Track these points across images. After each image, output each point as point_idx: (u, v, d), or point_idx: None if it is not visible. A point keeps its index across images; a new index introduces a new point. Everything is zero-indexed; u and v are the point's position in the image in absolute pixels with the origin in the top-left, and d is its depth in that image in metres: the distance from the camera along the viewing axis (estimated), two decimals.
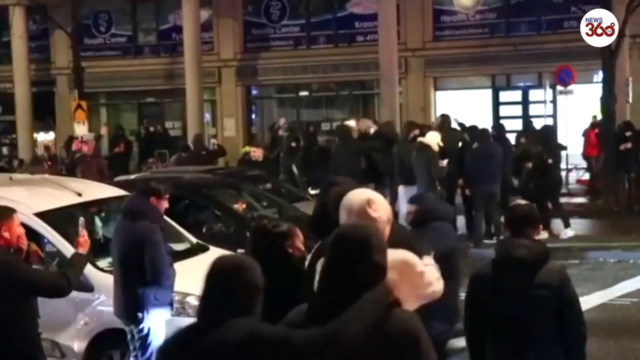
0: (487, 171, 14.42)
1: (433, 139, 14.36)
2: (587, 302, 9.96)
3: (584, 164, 22.40)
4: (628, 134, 18.13)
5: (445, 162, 14.30)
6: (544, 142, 15.66)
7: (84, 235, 6.21)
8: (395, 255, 3.77)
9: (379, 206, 4.22)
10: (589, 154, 22.08)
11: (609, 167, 18.63)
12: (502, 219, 9.81)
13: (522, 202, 5.52)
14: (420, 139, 14.39)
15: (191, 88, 25.01)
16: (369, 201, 4.20)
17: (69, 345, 7.50)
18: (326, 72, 26.17)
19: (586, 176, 22.19)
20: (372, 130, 17.57)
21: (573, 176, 22.06)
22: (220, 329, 3.55)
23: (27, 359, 5.79)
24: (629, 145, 17.86)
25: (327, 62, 25.86)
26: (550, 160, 15.19)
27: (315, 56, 25.95)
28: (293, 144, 18.07)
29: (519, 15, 24.18)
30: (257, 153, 15.95)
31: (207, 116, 27.17)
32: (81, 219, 6.49)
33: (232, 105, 27.29)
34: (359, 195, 4.28)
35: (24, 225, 6.03)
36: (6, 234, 5.74)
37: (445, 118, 16.94)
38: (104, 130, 22.88)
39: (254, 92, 28.33)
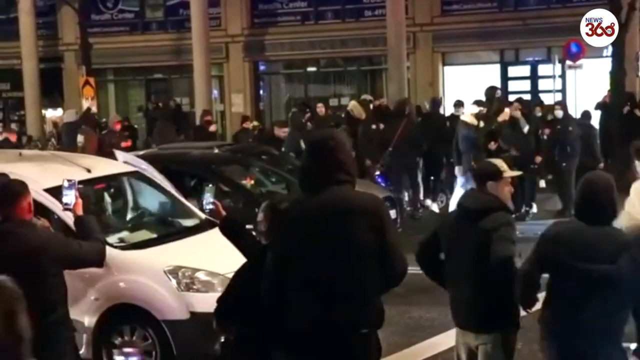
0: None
1: (469, 112, 14.48)
2: None
3: None
4: (626, 109, 18.07)
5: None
6: None
7: (77, 197, 5.95)
8: None
9: None
10: None
11: (621, 145, 18.52)
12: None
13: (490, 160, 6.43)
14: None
15: (199, 64, 24.92)
16: None
17: (80, 320, 7.52)
18: (334, 47, 26.07)
19: None
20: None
21: None
22: None
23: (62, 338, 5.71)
24: None
25: (335, 37, 25.74)
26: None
27: (322, 31, 25.83)
28: (303, 120, 18.02)
29: None
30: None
31: (215, 92, 27.12)
32: (70, 180, 6.00)
33: (240, 81, 27.23)
34: None
35: (34, 200, 6.00)
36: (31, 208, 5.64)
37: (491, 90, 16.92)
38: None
39: (262, 67, 28.24)
